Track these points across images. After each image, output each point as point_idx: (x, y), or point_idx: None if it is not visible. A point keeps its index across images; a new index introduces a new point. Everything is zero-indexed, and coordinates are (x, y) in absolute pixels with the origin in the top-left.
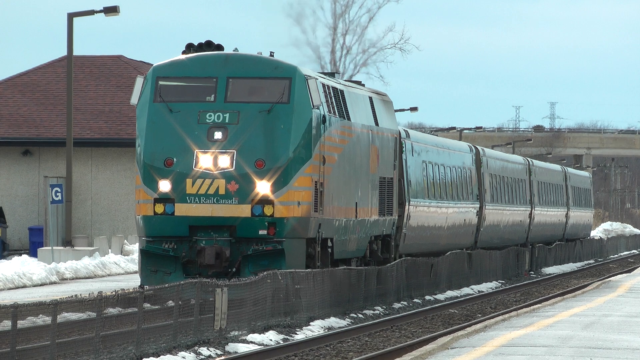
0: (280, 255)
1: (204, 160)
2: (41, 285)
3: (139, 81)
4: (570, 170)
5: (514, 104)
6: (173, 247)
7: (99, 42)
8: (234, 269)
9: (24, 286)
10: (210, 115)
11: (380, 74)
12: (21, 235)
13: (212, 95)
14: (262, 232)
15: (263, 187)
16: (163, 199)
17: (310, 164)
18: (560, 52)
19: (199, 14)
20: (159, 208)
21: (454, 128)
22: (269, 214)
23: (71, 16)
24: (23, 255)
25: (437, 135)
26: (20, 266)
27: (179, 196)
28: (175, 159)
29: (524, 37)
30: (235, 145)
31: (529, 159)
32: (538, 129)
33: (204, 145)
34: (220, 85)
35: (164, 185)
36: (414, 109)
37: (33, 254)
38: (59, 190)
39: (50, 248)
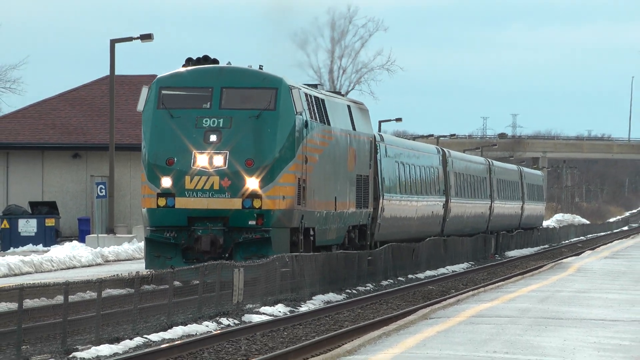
0: (267, 242)
1: (201, 160)
2: (88, 266)
3: (144, 91)
4: (525, 169)
5: (481, 115)
6: (174, 236)
7: (135, 62)
8: (227, 255)
9: (74, 267)
10: (206, 121)
11: (371, 90)
12: (71, 224)
13: (208, 103)
14: (252, 222)
15: (252, 183)
16: (165, 193)
17: (294, 163)
18: (520, 71)
19: (218, 38)
20: (162, 201)
21: (432, 135)
22: (257, 207)
23: (113, 42)
24: (73, 241)
25: (415, 141)
26: (71, 250)
27: (179, 191)
28: (175, 159)
29: (490, 59)
30: (228, 146)
31: (489, 159)
32: (502, 136)
33: (201, 147)
34: (215, 94)
35: (166, 182)
36: (398, 119)
37: (82, 240)
38: (103, 187)
39: (96, 235)
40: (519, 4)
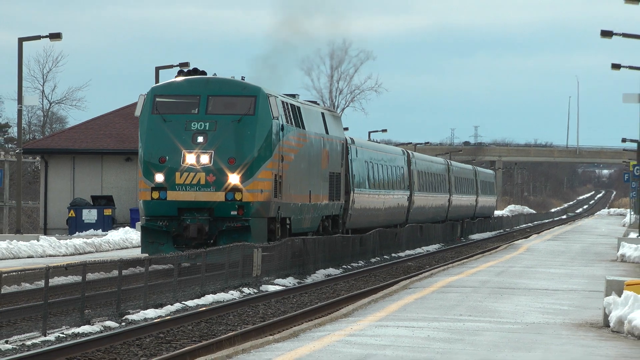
0: (247, 230)
1: (189, 158)
2: (138, 247)
3: (141, 98)
4: (479, 169)
5: (450, 127)
6: (166, 224)
7: None
8: (211, 241)
9: (127, 247)
10: (194, 124)
11: (362, 107)
12: (124, 213)
13: (196, 109)
14: (233, 212)
15: (234, 179)
16: (158, 187)
17: (271, 161)
18: (482, 91)
19: (239, 64)
20: (155, 194)
21: (410, 143)
22: (238, 199)
23: (157, 68)
24: (126, 227)
25: (385, 144)
26: (124, 234)
27: (170, 185)
28: (167, 157)
29: (458, 81)
30: (213, 146)
31: (448, 160)
32: (466, 143)
33: (190, 147)
34: (202, 101)
35: (159, 177)
36: (384, 130)
37: (132, 226)
38: None
39: None
40: (483, 38)
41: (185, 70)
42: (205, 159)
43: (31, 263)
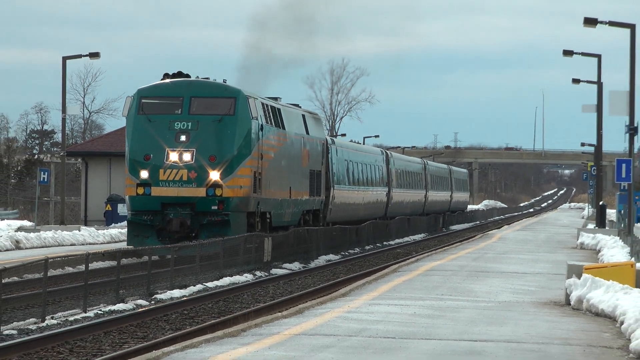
0: (227, 224)
1: (173, 156)
2: None
3: (128, 100)
4: (454, 168)
5: (433, 133)
6: (150, 219)
7: None
8: (193, 234)
9: None
10: (177, 124)
11: (358, 116)
12: None
13: (179, 110)
14: (214, 207)
15: (215, 175)
16: (143, 183)
17: (250, 159)
18: (461, 102)
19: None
20: (140, 190)
21: (399, 146)
22: (219, 195)
23: None
24: None
25: (365, 145)
26: None
27: (155, 181)
28: (152, 155)
29: (441, 93)
30: (195, 145)
31: (424, 159)
32: (447, 147)
33: (173, 145)
34: (185, 102)
35: (144, 174)
36: (377, 136)
37: None
38: None
39: None
40: (461, 57)
41: (171, 73)
42: (187, 156)
43: (73, 250)
